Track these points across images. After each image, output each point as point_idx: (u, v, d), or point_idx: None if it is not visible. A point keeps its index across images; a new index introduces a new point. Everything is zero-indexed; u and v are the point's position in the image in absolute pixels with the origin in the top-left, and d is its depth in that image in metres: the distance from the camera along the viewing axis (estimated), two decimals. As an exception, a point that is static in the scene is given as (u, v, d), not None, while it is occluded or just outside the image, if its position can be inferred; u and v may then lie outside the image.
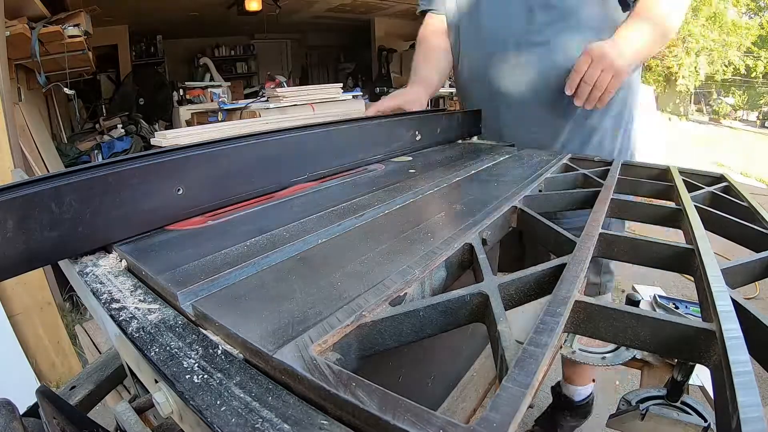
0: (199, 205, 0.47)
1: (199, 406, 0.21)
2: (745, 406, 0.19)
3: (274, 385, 0.23)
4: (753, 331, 0.26)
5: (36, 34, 2.08)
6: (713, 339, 0.25)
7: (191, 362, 0.25)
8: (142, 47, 5.75)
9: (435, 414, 0.18)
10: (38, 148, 2.30)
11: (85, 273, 0.37)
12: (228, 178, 0.50)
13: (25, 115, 2.29)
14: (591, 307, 0.27)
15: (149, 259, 0.36)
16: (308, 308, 0.27)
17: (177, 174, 0.45)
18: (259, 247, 0.37)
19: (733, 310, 0.26)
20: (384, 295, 0.28)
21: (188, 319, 0.29)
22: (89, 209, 0.38)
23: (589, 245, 0.35)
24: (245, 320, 0.26)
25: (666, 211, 0.48)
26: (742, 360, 0.22)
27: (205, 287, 0.31)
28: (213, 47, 6.63)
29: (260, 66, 7.16)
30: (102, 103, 4.88)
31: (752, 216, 0.49)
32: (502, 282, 0.30)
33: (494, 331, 0.25)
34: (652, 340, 0.26)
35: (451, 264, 0.35)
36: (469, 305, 0.29)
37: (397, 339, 0.27)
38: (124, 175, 0.40)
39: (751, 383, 0.20)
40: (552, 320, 0.25)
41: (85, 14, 2.41)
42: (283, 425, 0.20)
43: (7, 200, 0.33)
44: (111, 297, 0.33)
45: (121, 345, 0.30)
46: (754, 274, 0.36)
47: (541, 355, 0.22)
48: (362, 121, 0.75)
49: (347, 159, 0.67)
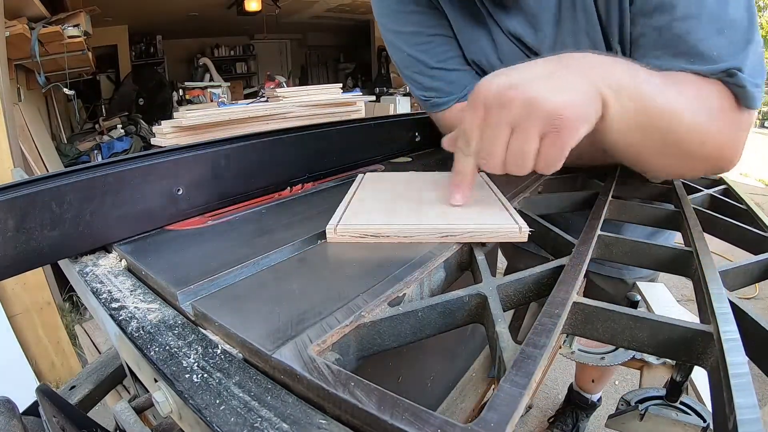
0: (199, 205, 0.47)
1: (199, 405, 0.21)
2: (742, 408, 0.19)
3: (273, 385, 0.23)
4: (750, 333, 0.26)
5: (36, 35, 2.08)
6: (711, 341, 0.25)
7: (191, 362, 0.25)
8: (142, 47, 5.75)
9: (433, 413, 0.18)
10: (38, 148, 2.30)
11: (85, 272, 0.37)
12: (228, 178, 0.50)
13: (24, 115, 2.29)
14: (589, 309, 0.27)
15: (149, 259, 0.37)
16: (307, 308, 0.27)
17: (177, 174, 0.45)
18: (259, 247, 0.37)
19: (730, 312, 0.26)
20: (383, 296, 0.29)
21: (188, 319, 0.29)
22: (89, 209, 0.38)
23: (588, 247, 0.35)
24: (245, 320, 0.26)
25: (665, 213, 0.48)
26: (739, 362, 0.22)
27: (205, 287, 0.31)
28: (213, 47, 6.63)
29: (260, 66, 7.16)
30: (102, 104, 4.87)
31: (751, 219, 0.49)
32: (501, 283, 0.30)
33: (492, 331, 0.25)
34: (650, 341, 0.27)
35: (449, 265, 0.35)
36: (468, 306, 0.29)
37: (396, 339, 0.27)
38: (124, 175, 0.40)
39: (748, 385, 0.20)
40: (550, 322, 0.25)
41: (85, 14, 2.41)
42: (281, 424, 0.20)
43: (7, 200, 0.33)
44: (111, 296, 0.33)
45: (120, 344, 0.30)
46: (753, 277, 0.36)
47: (539, 356, 0.22)
48: (362, 121, 0.75)
49: (347, 159, 0.67)
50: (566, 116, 0.36)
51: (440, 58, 0.67)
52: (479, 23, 0.63)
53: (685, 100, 0.45)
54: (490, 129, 0.38)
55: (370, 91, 4.90)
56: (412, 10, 0.65)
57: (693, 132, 0.45)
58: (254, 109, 2.07)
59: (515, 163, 0.38)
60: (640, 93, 0.42)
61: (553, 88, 0.36)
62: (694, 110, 0.45)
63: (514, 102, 0.36)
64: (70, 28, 2.28)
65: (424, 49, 0.66)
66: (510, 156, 0.38)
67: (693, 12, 0.46)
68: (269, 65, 7.16)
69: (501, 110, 0.37)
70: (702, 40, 0.47)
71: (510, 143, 0.37)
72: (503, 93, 0.36)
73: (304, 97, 2.24)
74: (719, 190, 0.59)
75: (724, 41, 0.46)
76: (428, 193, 0.48)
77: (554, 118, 0.35)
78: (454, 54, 0.67)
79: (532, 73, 0.38)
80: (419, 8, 0.65)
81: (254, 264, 0.34)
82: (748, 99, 0.47)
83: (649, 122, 0.44)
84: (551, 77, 0.37)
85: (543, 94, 0.35)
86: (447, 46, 0.67)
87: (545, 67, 0.39)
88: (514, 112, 0.36)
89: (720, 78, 0.47)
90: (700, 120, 0.45)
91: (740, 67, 0.46)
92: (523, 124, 0.36)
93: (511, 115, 0.36)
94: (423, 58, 0.67)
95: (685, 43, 0.47)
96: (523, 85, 0.36)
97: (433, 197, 0.46)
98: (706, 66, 0.47)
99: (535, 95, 0.35)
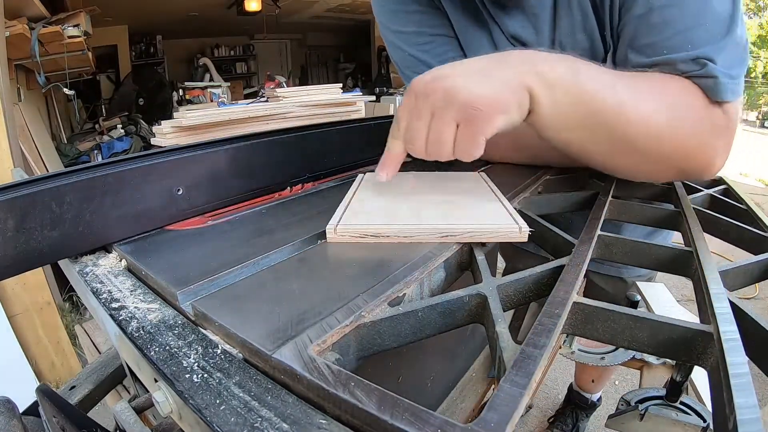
0: (199, 205, 0.47)
1: (199, 405, 0.21)
2: (742, 408, 0.19)
3: (273, 385, 0.23)
4: (750, 333, 0.26)
5: (36, 35, 2.08)
6: (711, 341, 0.25)
7: (191, 362, 0.25)
8: (142, 47, 5.75)
9: (433, 413, 0.18)
10: (38, 148, 2.30)
11: (85, 272, 0.37)
12: (228, 178, 0.50)
13: (24, 115, 2.29)
14: (589, 309, 0.27)
15: (149, 259, 0.37)
16: (307, 308, 0.27)
17: (177, 174, 0.45)
18: (259, 247, 0.37)
19: (730, 313, 0.26)
20: (383, 296, 0.29)
21: (188, 319, 0.29)
22: (89, 209, 0.38)
23: (588, 247, 0.35)
24: (245, 320, 0.26)
25: (665, 213, 0.48)
26: (739, 362, 0.22)
27: (205, 287, 0.31)
28: (213, 47, 6.63)
29: (260, 66, 7.16)
30: (102, 104, 4.87)
31: (751, 219, 0.49)
32: (501, 283, 0.30)
33: (492, 331, 0.25)
34: (650, 341, 0.27)
35: (449, 265, 0.35)
36: (468, 306, 0.29)
37: (396, 339, 0.27)
38: (124, 175, 0.40)
39: (748, 385, 0.20)
40: (550, 322, 0.25)
41: (85, 14, 2.41)
42: (281, 424, 0.20)
43: (7, 200, 0.33)
44: (111, 296, 0.33)
45: (120, 344, 0.30)
46: (753, 277, 0.36)
47: (539, 356, 0.22)
48: (362, 121, 0.75)
49: (347, 159, 0.67)
50: (480, 106, 0.38)
51: (442, 59, 0.66)
52: (480, 24, 0.63)
53: (635, 94, 0.44)
54: (414, 115, 0.41)
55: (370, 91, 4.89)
56: (414, 9, 0.65)
57: (643, 128, 0.44)
58: (254, 109, 2.07)
59: (434, 147, 0.41)
60: (580, 88, 0.42)
61: (475, 81, 0.39)
62: (645, 106, 0.44)
63: (437, 92, 0.39)
64: (70, 28, 2.28)
65: (426, 49, 0.66)
66: (429, 141, 0.41)
67: (674, 0, 0.45)
68: (269, 65, 7.15)
69: (425, 99, 0.40)
70: (679, 32, 0.45)
71: (429, 129, 0.41)
72: (429, 84, 0.40)
73: (304, 97, 2.24)
74: (719, 189, 0.59)
75: (701, 31, 0.45)
76: (428, 193, 0.48)
77: (469, 108, 0.38)
78: (456, 54, 0.67)
79: (463, 68, 0.41)
80: (421, 8, 0.65)
81: (254, 264, 0.34)
82: (719, 91, 0.45)
83: (592, 119, 0.43)
84: (479, 72, 0.40)
85: (461, 85, 0.38)
86: (448, 47, 0.67)
87: (480, 62, 0.42)
88: (434, 100, 0.39)
89: (689, 72, 0.45)
90: (654, 117, 0.44)
91: (712, 58, 0.44)
92: (439, 112, 0.39)
93: (431, 103, 0.40)
94: (424, 58, 0.67)
95: (660, 33, 0.47)
96: (447, 77, 0.39)
97: (433, 197, 0.46)
98: (675, 54, 0.46)
99: (453, 85, 0.39)
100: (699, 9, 0.45)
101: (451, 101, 0.38)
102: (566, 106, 0.42)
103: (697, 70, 0.45)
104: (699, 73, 0.45)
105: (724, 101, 0.46)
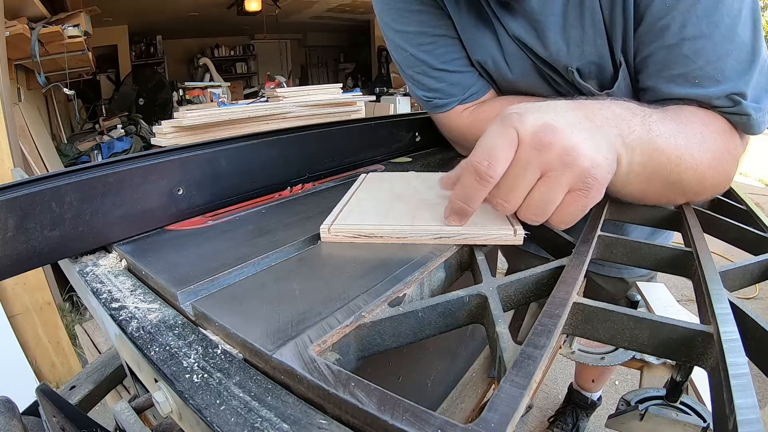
0: (199, 205, 0.47)
1: (199, 405, 0.21)
2: (742, 408, 0.19)
3: (274, 385, 0.23)
4: (750, 334, 0.26)
5: (36, 35, 2.09)
6: (711, 341, 0.25)
7: (191, 362, 0.25)
8: (142, 47, 5.76)
9: (433, 414, 0.18)
10: (38, 148, 2.30)
11: (85, 272, 0.37)
12: (228, 178, 0.50)
13: (24, 115, 2.29)
14: (589, 309, 0.27)
15: (149, 259, 0.37)
16: (307, 308, 0.27)
17: (177, 174, 0.45)
18: (259, 247, 0.37)
19: (731, 313, 0.26)
20: (383, 296, 0.29)
21: (188, 319, 0.29)
22: (89, 209, 0.38)
23: (588, 247, 0.35)
24: (245, 320, 0.26)
25: (665, 214, 0.48)
26: (739, 362, 0.22)
27: (205, 287, 0.31)
28: (213, 47, 6.64)
29: (260, 66, 7.17)
30: (102, 104, 4.88)
31: (751, 219, 0.49)
32: (501, 284, 0.30)
33: (492, 332, 0.25)
34: (650, 342, 0.27)
35: (450, 265, 0.35)
36: (468, 306, 0.29)
37: (396, 339, 0.27)
38: (124, 175, 0.40)
39: (748, 385, 0.20)
40: (550, 322, 0.25)
41: (85, 14, 2.41)
42: (282, 424, 0.20)
43: (7, 200, 0.33)
44: (111, 296, 0.33)
45: (120, 344, 0.30)
46: (753, 277, 0.36)
47: (539, 356, 0.22)
48: (362, 121, 0.75)
49: (347, 159, 0.67)
50: (598, 177, 0.34)
51: (444, 59, 0.66)
52: (485, 24, 0.63)
53: (688, 140, 0.44)
54: (519, 167, 0.34)
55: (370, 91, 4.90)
56: (417, 9, 0.65)
57: (692, 173, 0.45)
58: (254, 109, 2.07)
59: (534, 210, 0.35)
60: (652, 147, 0.41)
61: (589, 145, 0.34)
62: (698, 154, 0.44)
63: (553, 149, 0.33)
64: (70, 28, 2.28)
65: (428, 49, 0.66)
66: (530, 201, 0.35)
67: (705, 32, 0.46)
68: (269, 65, 7.16)
69: (538, 153, 0.33)
70: (710, 62, 0.47)
71: (534, 188, 0.34)
72: (541, 135, 0.33)
73: (304, 97, 2.25)
74: (719, 190, 0.59)
75: (731, 62, 0.46)
76: (426, 194, 0.48)
77: (589, 177, 0.33)
78: (458, 55, 0.67)
79: (566, 119, 0.35)
80: (424, 7, 0.64)
81: (254, 264, 0.34)
82: (752, 127, 0.48)
83: (655, 172, 0.43)
84: (582, 128, 0.35)
85: (583, 150, 0.33)
86: (451, 47, 0.66)
87: (574, 114, 0.36)
88: (549, 158, 0.33)
89: (722, 108, 0.47)
90: (702, 162, 0.45)
91: (743, 92, 0.46)
92: (554, 173, 0.33)
93: (545, 161, 0.33)
94: (426, 58, 0.66)
95: (693, 64, 0.47)
96: (562, 131, 0.33)
97: (431, 198, 0.46)
98: (711, 89, 0.47)
99: (572, 146, 0.33)
100: (726, 38, 0.46)
101: (570, 166, 0.33)
102: (638, 166, 0.41)
103: (731, 107, 0.47)
104: (733, 110, 0.47)
105: (756, 134, 0.49)
